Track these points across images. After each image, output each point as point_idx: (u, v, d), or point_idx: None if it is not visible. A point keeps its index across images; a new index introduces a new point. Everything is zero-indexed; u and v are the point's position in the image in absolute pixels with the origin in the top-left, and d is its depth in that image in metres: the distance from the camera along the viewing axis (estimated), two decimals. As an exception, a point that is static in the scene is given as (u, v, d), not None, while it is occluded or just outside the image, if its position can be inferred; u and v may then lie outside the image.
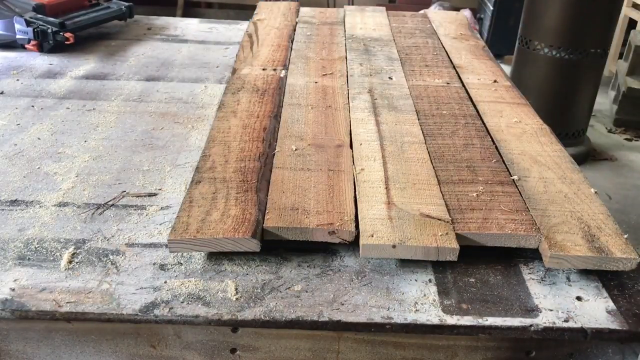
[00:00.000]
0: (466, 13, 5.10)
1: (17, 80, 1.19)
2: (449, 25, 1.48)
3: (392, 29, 1.44)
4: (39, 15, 1.32)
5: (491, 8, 4.88)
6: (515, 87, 1.15)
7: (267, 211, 0.74)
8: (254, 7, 1.57)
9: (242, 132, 0.91)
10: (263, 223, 0.72)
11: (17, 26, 1.30)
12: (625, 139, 3.72)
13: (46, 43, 1.30)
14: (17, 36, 1.31)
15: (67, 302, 0.65)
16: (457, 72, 1.21)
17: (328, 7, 2.06)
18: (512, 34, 3.69)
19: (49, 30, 1.29)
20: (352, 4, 4.59)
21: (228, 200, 0.75)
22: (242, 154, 0.85)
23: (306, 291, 0.67)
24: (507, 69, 3.92)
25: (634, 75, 3.77)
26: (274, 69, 1.16)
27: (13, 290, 0.66)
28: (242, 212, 0.72)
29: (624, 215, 3.01)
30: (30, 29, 1.28)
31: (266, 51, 1.27)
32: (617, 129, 3.96)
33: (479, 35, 1.46)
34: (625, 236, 0.73)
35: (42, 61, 1.29)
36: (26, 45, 1.32)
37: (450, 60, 1.27)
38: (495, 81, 1.16)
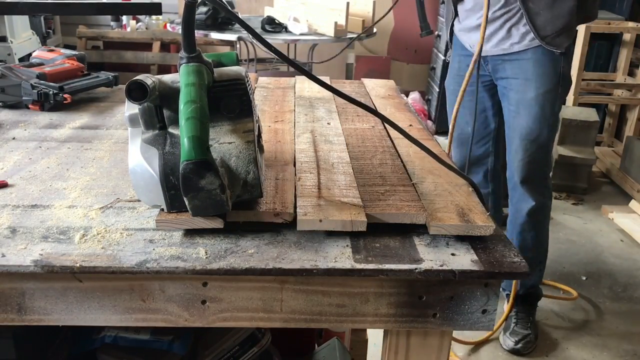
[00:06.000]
0: (415, 95, 5.59)
1: (25, 130, 1.45)
2: (379, 89, 1.82)
3: (333, 92, 1.76)
4: (42, 81, 1.61)
5: (437, 90, 5.36)
6: (426, 129, 1.47)
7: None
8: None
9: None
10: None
11: (23, 89, 1.58)
12: (573, 203, 4.11)
13: (47, 103, 1.58)
14: (23, 97, 1.58)
15: (81, 261, 0.89)
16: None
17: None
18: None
19: (51, 92, 1.57)
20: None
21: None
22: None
23: (257, 252, 0.93)
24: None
25: (564, 145, 4.20)
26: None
27: (41, 255, 0.90)
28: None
29: (558, 264, 3.31)
30: (35, 92, 1.56)
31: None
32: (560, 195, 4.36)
33: (403, 96, 1.79)
34: (488, 214, 1.02)
35: (44, 117, 1.56)
36: (30, 105, 1.59)
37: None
38: (410, 125, 1.47)
